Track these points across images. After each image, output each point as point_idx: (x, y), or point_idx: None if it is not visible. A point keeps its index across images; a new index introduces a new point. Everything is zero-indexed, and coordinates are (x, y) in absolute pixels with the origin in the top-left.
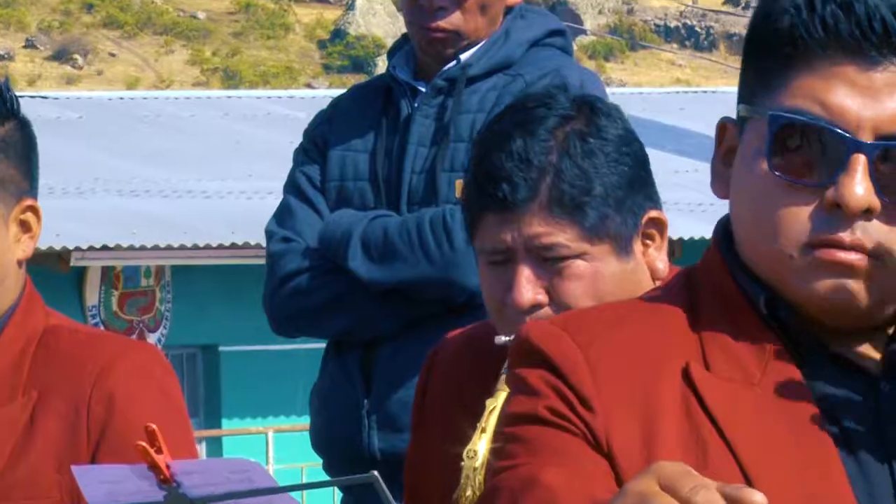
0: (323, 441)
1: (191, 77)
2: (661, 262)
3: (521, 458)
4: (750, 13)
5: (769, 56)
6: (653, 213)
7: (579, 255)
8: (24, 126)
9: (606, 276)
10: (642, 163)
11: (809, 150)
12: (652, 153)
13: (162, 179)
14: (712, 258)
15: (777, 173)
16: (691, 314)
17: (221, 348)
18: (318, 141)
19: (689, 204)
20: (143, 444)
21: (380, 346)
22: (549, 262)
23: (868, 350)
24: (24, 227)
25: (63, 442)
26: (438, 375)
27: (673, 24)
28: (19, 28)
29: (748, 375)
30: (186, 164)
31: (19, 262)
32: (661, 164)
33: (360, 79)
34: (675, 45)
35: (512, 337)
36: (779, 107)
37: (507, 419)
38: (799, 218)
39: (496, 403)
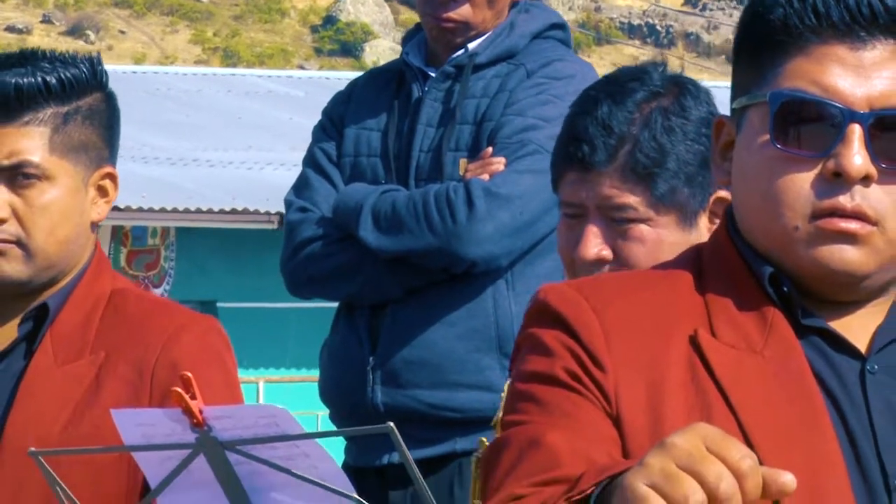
0: (331, 393)
1: (193, 55)
2: None
3: (531, 416)
4: (707, 14)
5: (763, 48)
6: (722, 194)
7: (645, 220)
8: (110, 98)
9: (667, 244)
10: None
11: (809, 126)
12: None
13: (169, 148)
14: (719, 236)
15: (779, 146)
16: (699, 285)
17: (220, 304)
18: (336, 119)
19: None
20: (179, 389)
21: (386, 309)
22: (617, 223)
23: (861, 328)
24: (101, 191)
25: (126, 403)
26: None
27: (636, 21)
28: (37, 4)
29: (751, 343)
30: (192, 134)
31: (93, 225)
32: None
33: (348, 62)
34: (637, 42)
35: None
36: (777, 90)
37: (521, 375)
38: (802, 189)
39: None
